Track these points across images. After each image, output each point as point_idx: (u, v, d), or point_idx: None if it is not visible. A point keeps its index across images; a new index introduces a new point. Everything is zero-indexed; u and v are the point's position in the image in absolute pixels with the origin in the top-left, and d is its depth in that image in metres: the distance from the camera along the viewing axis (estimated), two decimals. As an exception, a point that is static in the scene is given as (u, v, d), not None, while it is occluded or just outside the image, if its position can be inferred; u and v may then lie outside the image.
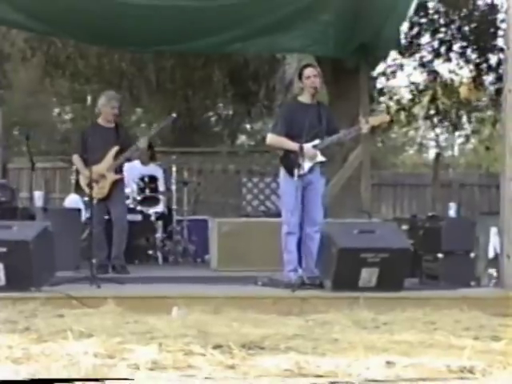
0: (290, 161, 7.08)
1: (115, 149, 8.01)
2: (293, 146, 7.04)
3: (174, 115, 8.15)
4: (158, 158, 10.71)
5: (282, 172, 7.24)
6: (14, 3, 8.61)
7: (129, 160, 8.32)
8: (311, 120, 7.04)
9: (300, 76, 7.34)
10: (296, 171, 6.91)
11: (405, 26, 12.61)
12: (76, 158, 8.06)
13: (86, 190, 7.70)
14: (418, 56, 14.37)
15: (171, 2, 8.58)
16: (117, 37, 9.45)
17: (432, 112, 15.38)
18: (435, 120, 15.91)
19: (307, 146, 7.02)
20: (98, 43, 11.54)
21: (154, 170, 10.11)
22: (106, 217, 8.20)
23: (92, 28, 9.03)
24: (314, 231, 7.05)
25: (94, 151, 7.78)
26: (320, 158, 7.20)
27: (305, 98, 7.28)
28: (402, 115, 15.59)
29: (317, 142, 7.14)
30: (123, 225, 8.10)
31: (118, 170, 8.14)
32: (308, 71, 7.26)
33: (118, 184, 8.12)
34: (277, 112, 12.35)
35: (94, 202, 7.62)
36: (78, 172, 8.20)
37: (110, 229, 8.14)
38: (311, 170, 7.11)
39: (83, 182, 7.90)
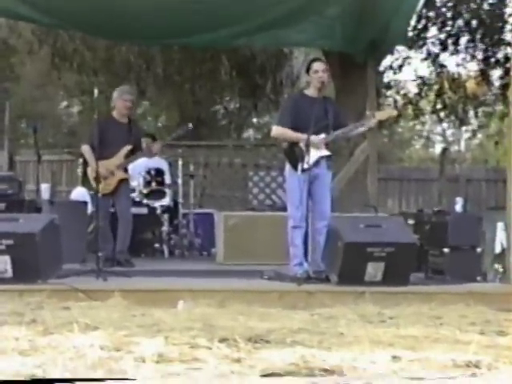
0: (294, 154, 7.06)
1: (127, 148, 8.05)
2: (299, 136, 7.03)
3: (190, 125, 8.22)
4: (162, 151, 10.72)
5: (288, 166, 7.22)
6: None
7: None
8: (317, 113, 6.99)
9: (308, 69, 7.30)
10: (300, 165, 6.89)
11: (412, 20, 12.59)
12: (86, 148, 8.01)
13: (93, 182, 7.71)
14: (424, 49, 14.34)
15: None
16: (124, 30, 9.46)
17: (439, 106, 15.35)
18: (442, 114, 15.88)
19: (313, 136, 6.99)
20: (105, 36, 11.55)
21: (160, 163, 10.11)
22: (112, 210, 8.22)
23: (99, 21, 9.04)
24: (323, 225, 7.00)
25: (106, 145, 7.78)
26: (325, 152, 7.16)
27: (311, 92, 7.23)
28: (409, 109, 15.56)
29: (323, 135, 7.12)
30: (128, 218, 8.12)
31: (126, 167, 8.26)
32: (316, 65, 7.19)
33: (124, 182, 8.19)
34: (282, 104, 12.34)
35: (100, 195, 7.63)
36: (85, 164, 8.21)
37: (115, 222, 8.15)
38: (317, 163, 7.08)
39: (91, 175, 7.90)
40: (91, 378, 3.56)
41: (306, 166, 6.90)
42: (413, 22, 13.21)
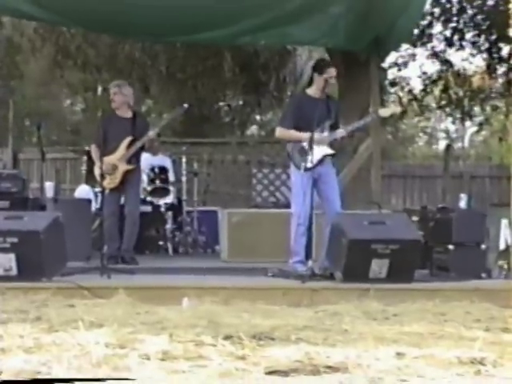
0: (297, 154, 7.08)
1: (128, 139, 8.00)
2: (302, 135, 7.04)
3: (186, 105, 8.11)
4: (165, 148, 10.73)
5: (292, 164, 7.23)
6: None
7: (142, 149, 8.23)
8: (320, 113, 7.01)
9: (317, 70, 7.25)
10: (303, 164, 6.90)
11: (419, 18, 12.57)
12: (93, 148, 8.07)
13: (99, 180, 7.71)
14: (429, 46, 14.33)
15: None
16: (128, 27, 9.46)
17: (444, 102, 15.33)
18: (448, 110, 15.86)
19: (316, 134, 7.00)
20: (108, 33, 11.56)
21: (164, 160, 10.12)
22: (121, 203, 8.16)
23: (102, 18, 9.04)
24: None
25: (109, 141, 7.78)
26: (329, 150, 7.18)
27: (313, 92, 7.25)
28: (415, 105, 15.55)
29: (326, 134, 7.13)
30: (135, 219, 8.08)
31: (134, 160, 8.09)
32: (332, 71, 7.18)
33: (132, 174, 8.06)
34: (285, 104, 12.33)
35: (107, 192, 7.62)
36: (89, 162, 8.23)
37: (122, 220, 8.14)
38: (321, 162, 7.10)
39: (97, 173, 7.89)
40: (92, 378, 3.56)
41: (309, 164, 6.91)
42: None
